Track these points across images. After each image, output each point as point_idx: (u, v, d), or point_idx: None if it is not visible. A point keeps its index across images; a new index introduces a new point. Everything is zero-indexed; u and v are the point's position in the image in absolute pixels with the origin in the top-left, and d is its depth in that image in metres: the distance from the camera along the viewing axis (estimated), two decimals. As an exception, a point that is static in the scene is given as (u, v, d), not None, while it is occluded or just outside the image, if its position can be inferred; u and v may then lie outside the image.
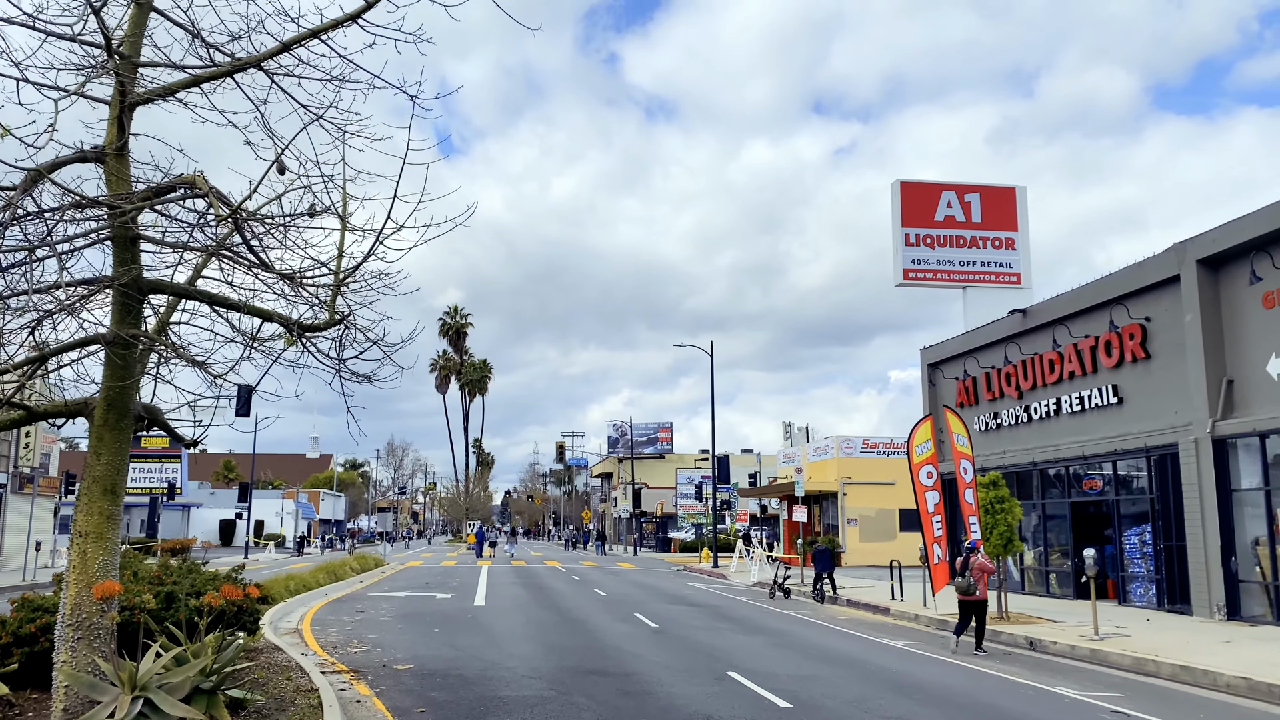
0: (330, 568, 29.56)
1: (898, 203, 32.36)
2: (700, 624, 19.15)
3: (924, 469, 22.42)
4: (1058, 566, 25.94)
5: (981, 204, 32.60)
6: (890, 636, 18.09)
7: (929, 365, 32.64)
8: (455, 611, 21.10)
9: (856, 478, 42.95)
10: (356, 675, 12.27)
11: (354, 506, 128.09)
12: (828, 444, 44.76)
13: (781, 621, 20.50)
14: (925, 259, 32.11)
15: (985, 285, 32.24)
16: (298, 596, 22.91)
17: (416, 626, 17.98)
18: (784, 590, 28.27)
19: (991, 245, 32.46)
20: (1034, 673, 13.78)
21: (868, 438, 44.05)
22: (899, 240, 32.18)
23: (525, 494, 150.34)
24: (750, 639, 16.81)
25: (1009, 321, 27.51)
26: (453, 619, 19.43)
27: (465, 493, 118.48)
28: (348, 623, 18.54)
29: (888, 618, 22.55)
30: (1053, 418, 25.88)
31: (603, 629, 17.82)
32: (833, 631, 18.81)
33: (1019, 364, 27.13)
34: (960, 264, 32.23)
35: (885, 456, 43.63)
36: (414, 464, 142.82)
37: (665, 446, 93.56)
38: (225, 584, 12.44)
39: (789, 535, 47.06)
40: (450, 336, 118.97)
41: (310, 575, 26.39)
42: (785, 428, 52.20)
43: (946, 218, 32.42)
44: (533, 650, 14.74)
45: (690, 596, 27.30)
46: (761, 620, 20.55)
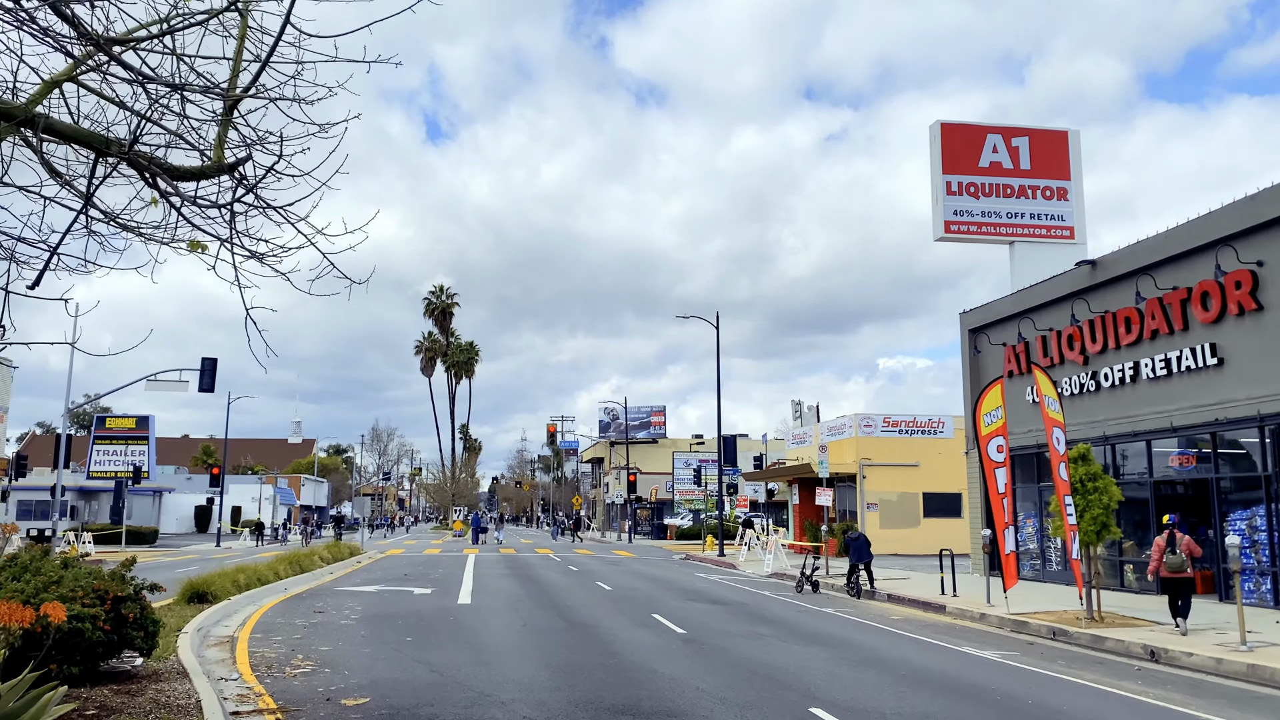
0: (294, 558, 25.86)
1: (938, 147, 28.70)
2: (736, 629, 15.56)
3: (993, 442, 18.89)
4: (1134, 556, 22.47)
5: (1030, 149, 28.98)
6: (974, 644, 14.54)
7: (970, 331, 29.07)
8: (435, 612, 17.45)
9: (876, 459, 39.43)
10: (286, 715, 8.62)
11: (337, 492, 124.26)
12: (844, 423, 41.22)
13: (829, 624, 16.93)
14: (969, 210, 28.49)
15: (1035, 240, 28.66)
16: (248, 593, 19.22)
17: (384, 633, 14.33)
18: (812, 583, 24.80)
19: (1042, 195, 28.86)
20: (1206, 701, 10.25)
21: (889, 415, 40.53)
22: (939, 189, 28.54)
23: (513, 480, 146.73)
24: (809, 651, 13.22)
25: (1074, 275, 23.95)
26: (431, 623, 15.78)
27: (452, 478, 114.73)
28: (300, 628, 14.88)
29: (945, 617, 19.05)
30: (1128, 384, 22.36)
31: (619, 637, 14.21)
32: (898, 638, 15.25)
33: (1085, 324, 23.58)
34: (1007, 216, 28.63)
35: (908, 436, 40.12)
36: (399, 450, 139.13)
37: (658, 431, 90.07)
38: (107, 585, 8.77)
39: (800, 521, 43.58)
40: (436, 317, 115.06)
41: (268, 567, 22.69)
42: (795, 406, 48.68)
43: (992, 164, 28.79)
44: (534, 672, 11.10)
45: (708, 591, 23.73)
46: (806, 623, 16.98)
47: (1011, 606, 18.31)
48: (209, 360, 40.66)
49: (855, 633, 15.72)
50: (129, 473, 58.21)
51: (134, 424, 62.63)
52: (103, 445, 61.79)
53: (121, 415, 67.85)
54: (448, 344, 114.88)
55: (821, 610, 19.52)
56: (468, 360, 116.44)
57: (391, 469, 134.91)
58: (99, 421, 63.70)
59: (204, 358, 40.55)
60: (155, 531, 61.13)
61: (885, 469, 39.46)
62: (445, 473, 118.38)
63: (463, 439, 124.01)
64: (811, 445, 44.78)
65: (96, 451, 61.86)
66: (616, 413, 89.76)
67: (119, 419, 64.92)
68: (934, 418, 40.90)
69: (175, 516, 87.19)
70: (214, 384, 40.38)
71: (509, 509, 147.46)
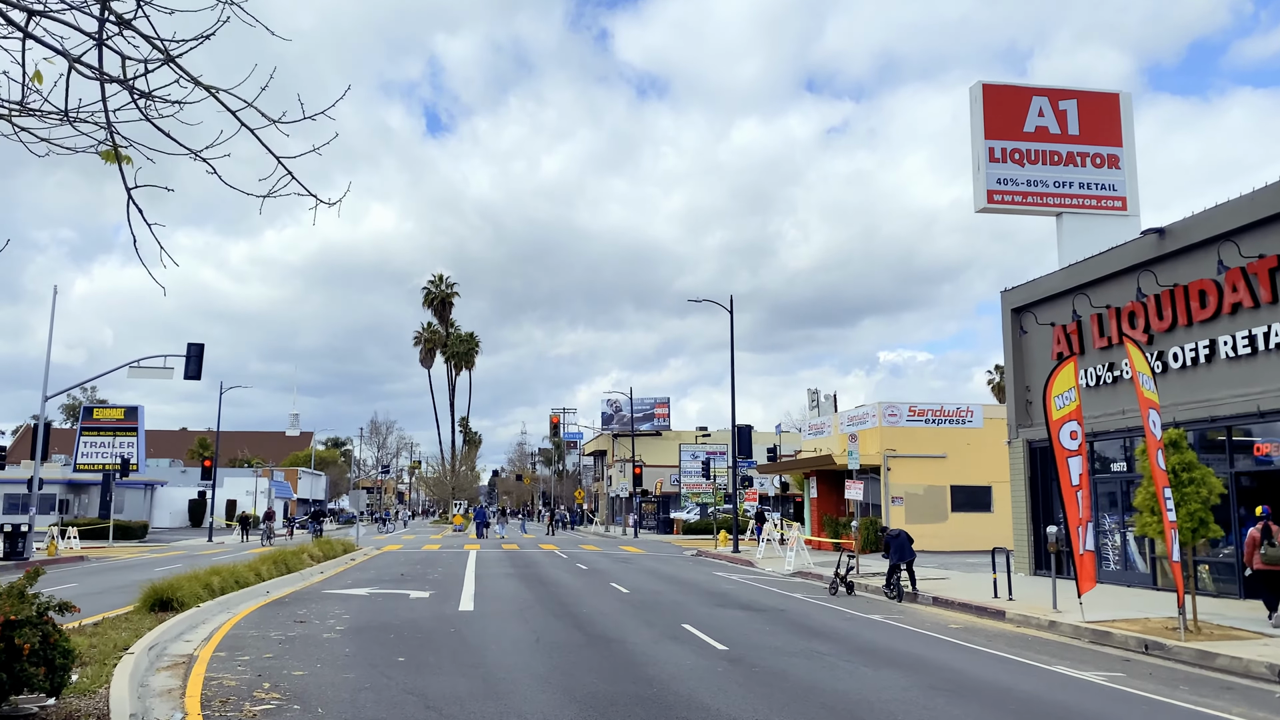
0: (280, 557, 23.64)
1: (979, 110, 26.44)
2: (786, 644, 13.34)
3: (1066, 427, 16.65)
4: (1209, 555, 20.26)
5: (1079, 112, 26.70)
6: (1065, 661, 12.34)
7: (1013, 310, 26.83)
8: (432, 621, 15.24)
9: (902, 450, 37.20)
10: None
11: (335, 486, 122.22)
12: (867, 412, 38.98)
13: (888, 636, 14.72)
14: (1013, 178, 26.22)
15: (1084, 211, 26.40)
16: (223, 598, 17.01)
17: (373, 651, 12.11)
18: (846, 584, 22.62)
19: (1091, 163, 26.59)
20: None
21: (915, 404, 38.29)
22: (980, 156, 26.28)
23: (514, 474, 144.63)
24: (884, 676, 11.00)
25: (1139, 245, 21.71)
26: (428, 637, 13.56)
27: (452, 471, 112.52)
28: (274, 644, 12.66)
29: (1007, 624, 16.85)
30: (1203, 365, 20.13)
31: (651, 656, 11.99)
32: (974, 654, 13.04)
33: (1151, 299, 21.34)
34: (1055, 185, 26.36)
35: (935, 426, 37.89)
36: (398, 443, 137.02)
37: (662, 423, 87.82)
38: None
39: (818, 516, 41.38)
40: (435, 307, 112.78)
41: (248, 568, 20.45)
42: (811, 396, 46.45)
43: (1038, 129, 26.52)
44: (557, 709, 8.88)
45: (735, 594, 21.53)
46: (861, 635, 14.76)
47: (1088, 614, 16.12)
48: (195, 346, 38.43)
49: (922, 647, 13.51)
50: (117, 465, 55.95)
51: (122, 415, 60.36)
52: (90, 437, 59.53)
53: (109, 406, 65.68)
54: (447, 334, 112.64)
55: (869, 618, 17.32)
56: (467, 351, 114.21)
57: (390, 462, 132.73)
58: (86, 412, 61.47)
59: (190, 344, 38.35)
60: (145, 526, 58.88)
61: (911, 461, 37.24)
62: (445, 466, 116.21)
63: (463, 432, 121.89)
64: (830, 436, 42.59)
65: (83, 443, 59.61)
66: (619, 404, 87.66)
67: (107, 409, 62.67)
68: (962, 406, 38.68)
69: (169, 510, 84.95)
70: (200, 371, 38.15)
71: (509, 502, 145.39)
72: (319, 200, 6.43)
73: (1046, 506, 25.46)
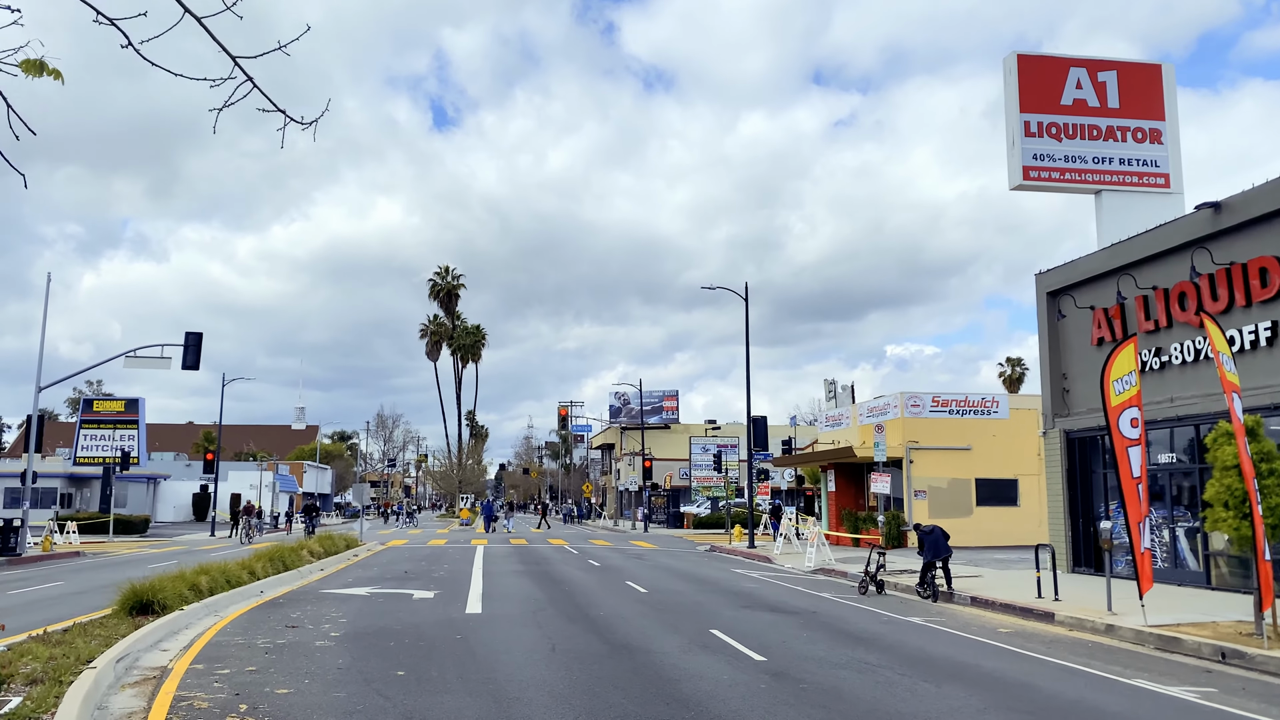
0: (278, 554, 22.37)
1: (1013, 83, 25.01)
2: (829, 653, 12.01)
3: (1126, 414, 15.30)
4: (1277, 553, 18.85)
5: (1119, 84, 25.26)
6: (1143, 672, 10.99)
7: (1048, 293, 25.43)
8: (438, 627, 13.95)
9: (925, 442, 35.84)
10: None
11: (341, 479, 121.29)
12: (888, 402, 37.60)
13: (938, 643, 13.38)
14: (1050, 154, 24.80)
15: (1125, 189, 24.98)
16: (212, 599, 15.74)
17: (369, 662, 10.82)
18: (877, 583, 21.30)
19: (1133, 137, 25.16)
20: None
21: (938, 394, 36.91)
22: (1016, 130, 24.86)
23: (521, 467, 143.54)
24: (948, 693, 9.67)
25: (1191, 221, 20.31)
26: (432, 645, 12.26)
27: (458, 465, 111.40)
28: (260, 654, 11.37)
29: (1059, 628, 15.51)
30: (1262, 348, 18.74)
31: (682, 668, 10.68)
32: (1041, 665, 11.70)
33: (1204, 279, 19.93)
34: (1094, 160, 24.94)
35: (959, 416, 36.51)
36: (405, 436, 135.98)
37: (670, 416, 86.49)
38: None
39: (836, 511, 40.04)
40: (441, 299, 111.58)
41: (241, 565, 19.19)
42: (828, 386, 45.09)
43: (1076, 101, 25.09)
44: (578, 734, 7.58)
45: (760, 594, 20.21)
46: (909, 642, 13.42)
47: (1150, 617, 14.78)
48: (193, 335, 37.21)
49: (978, 656, 12.17)
50: (117, 458, 54.81)
51: (122, 407, 59.19)
52: (90, 429, 58.43)
53: (109, 397, 64.59)
54: (454, 327, 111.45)
55: (909, 621, 16.00)
56: (474, 344, 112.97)
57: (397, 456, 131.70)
58: (86, 404, 60.31)
59: (188, 332, 37.14)
60: (147, 520, 57.79)
61: (934, 453, 35.89)
62: (452, 460, 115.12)
63: (469, 426, 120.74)
64: (849, 427, 41.24)
65: (84, 435, 58.51)
66: (627, 397, 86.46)
67: (107, 401, 61.51)
68: (987, 397, 37.30)
69: (173, 504, 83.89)
70: (199, 360, 36.93)
71: (516, 496, 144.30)
72: (288, 117, 5.15)
73: (1086, 500, 24.10)
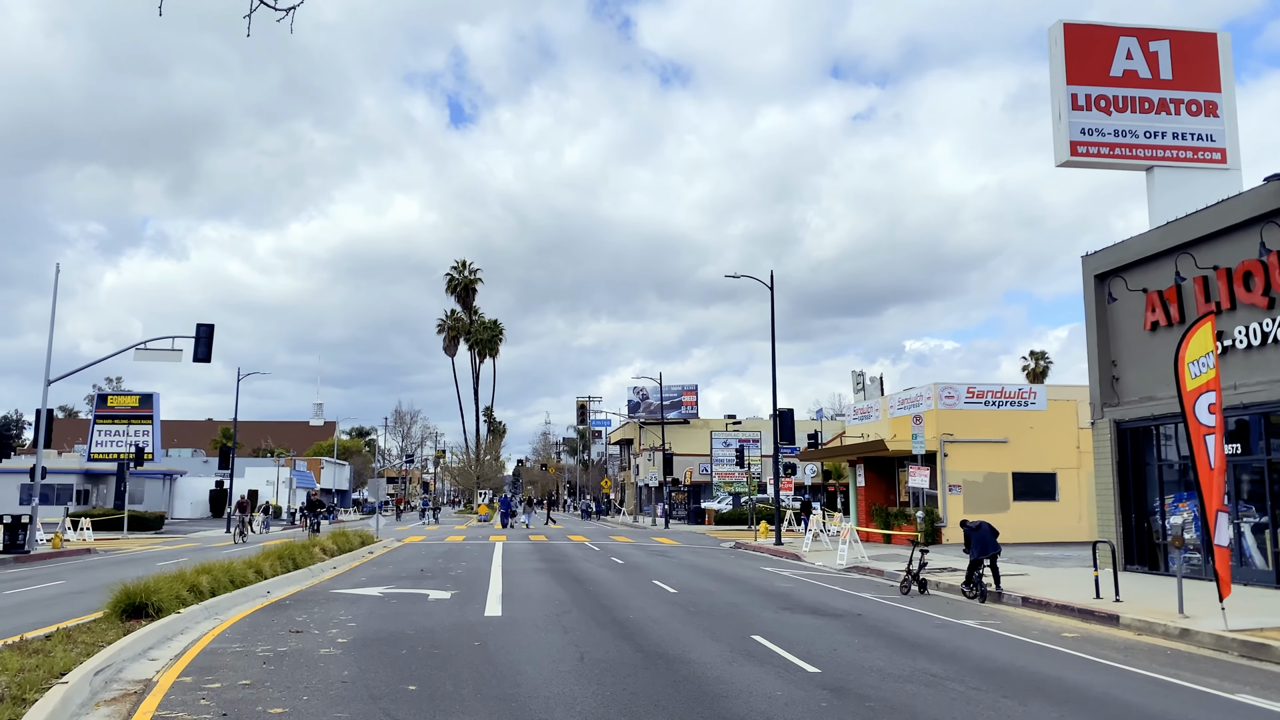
0: (287, 551, 21.34)
1: (1059, 53, 23.65)
2: (887, 663, 10.80)
3: (1203, 399, 14.01)
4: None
5: (1172, 55, 23.86)
6: (1245, 686, 9.75)
7: (1096, 276, 24.09)
8: (453, 631, 12.82)
9: (959, 434, 34.50)
10: None
11: (359, 475, 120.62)
12: (920, 394, 36.27)
13: (999, 649, 12.15)
14: (1099, 128, 23.44)
15: (1179, 165, 23.60)
16: (212, 601, 14.68)
17: (377, 675, 9.70)
18: (919, 583, 20.06)
19: (1187, 110, 23.76)
20: None
21: (973, 385, 35.56)
22: (1062, 104, 23.51)
23: (538, 463, 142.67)
24: (1037, 712, 8.45)
25: (1259, 195, 18.94)
26: (448, 654, 11.13)
27: (476, 460, 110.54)
28: (258, 663, 10.27)
29: (1126, 632, 14.25)
30: (1339, 331, 17.40)
31: (728, 682, 9.51)
32: (1122, 676, 10.46)
33: (1273, 256, 18.57)
34: (1145, 135, 23.56)
35: (995, 408, 35.14)
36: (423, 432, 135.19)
37: (690, 411, 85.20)
38: None
39: (866, 506, 38.76)
40: (458, 293, 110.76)
41: (247, 564, 18.13)
42: (856, 378, 43.77)
43: (1126, 73, 23.72)
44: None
45: (796, 595, 19.01)
46: (971, 649, 12.19)
47: (1231, 621, 13.51)
48: (204, 327, 36.31)
49: (1051, 665, 10.94)
50: (131, 454, 54.06)
51: (137, 402, 58.46)
52: (104, 425, 57.73)
53: (124, 392, 63.94)
54: (471, 322, 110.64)
55: (962, 624, 14.76)
56: (491, 339, 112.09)
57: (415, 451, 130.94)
58: (100, 400, 59.62)
59: (199, 324, 36.25)
60: (162, 517, 57.06)
61: (969, 446, 34.54)
62: (469, 455, 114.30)
63: (487, 421, 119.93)
64: (879, 420, 39.94)
65: (98, 431, 57.83)
66: (646, 392, 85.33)
67: (121, 396, 60.82)
68: (1024, 387, 35.94)
69: (190, 501, 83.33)
70: (210, 353, 36.03)
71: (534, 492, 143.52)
72: None
73: (1139, 495, 22.75)
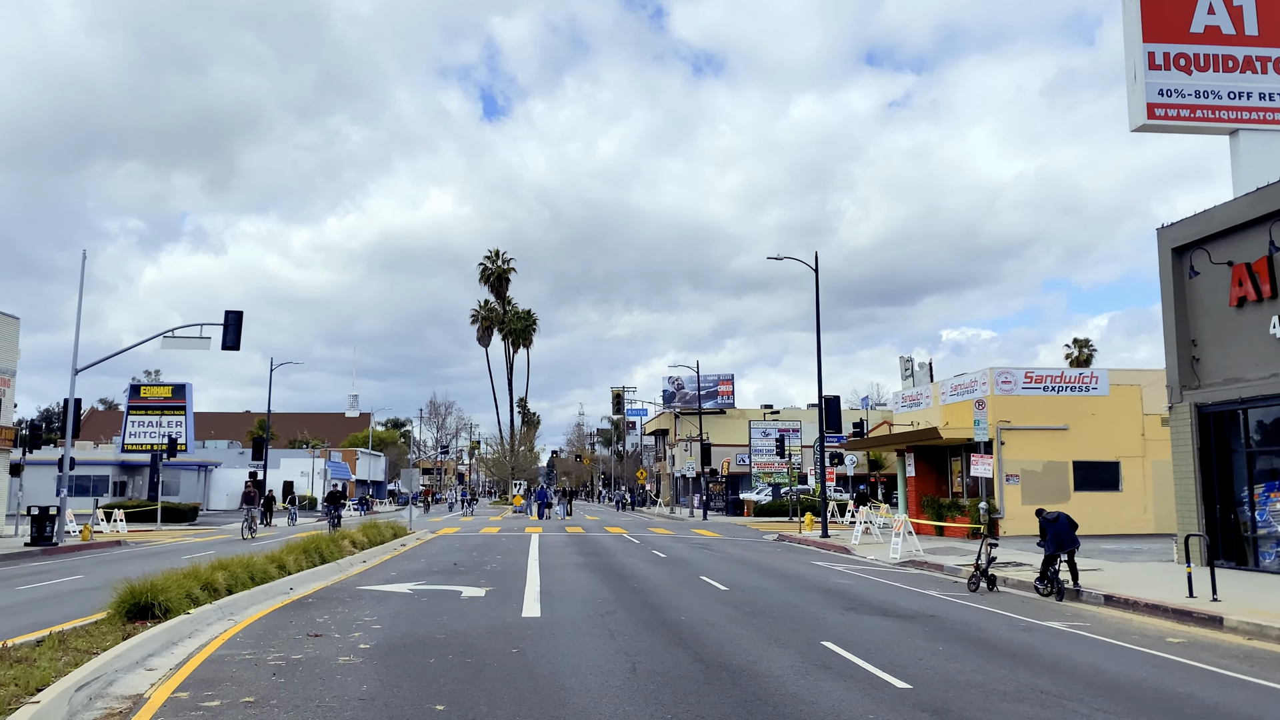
0: (314, 544, 20.24)
1: (1135, 7, 21.93)
2: (986, 677, 9.39)
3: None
4: None
5: (1257, 8, 22.05)
6: None
7: (1174, 250, 22.38)
8: (488, 635, 11.55)
9: (1017, 421, 32.82)
10: None
11: (394, 467, 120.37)
12: (975, 379, 34.60)
13: (1104, 658, 10.69)
14: (1179, 88, 21.72)
15: (1265, 127, 21.82)
16: (228, 600, 13.55)
17: (401, 687, 8.45)
18: (988, 579, 18.58)
19: (1275, 69, 21.96)
20: None
21: (1031, 369, 33.84)
22: (1138, 63, 21.80)
23: (573, 454, 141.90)
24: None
25: (1368, 154, 17.24)
26: (481, 661, 9.87)
27: (511, 451, 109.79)
28: (267, 674, 9.06)
29: (1234, 636, 12.71)
30: None
31: (809, 702, 8.14)
32: (1262, 693, 8.98)
33: (1384, 222, 16.86)
34: (1229, 96, 21.80)
35: (1054, 394, 33.41)
36: (457, 423, 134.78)
37: (726, 401, 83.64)
38: None
39: (916, 497, 37.17)
40: (491, 283, 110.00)
41: (268, 560, 16.98)
42: (904, 364, 42.11)
43: (1208, 29, 21.96)
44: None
45: (857, 593, 17.59)
46: (1070, 656, 10.73)
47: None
48: (233, 314, 35.36)
49: (1173, 679, 9.47)
50: (164, 445, 53.59)
51: (169, 393, 58.09)
52: (137, 416, 57.43)
53: (156, 384, 63.57)
54: (504, 312, 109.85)
55: (1050, 626, 13.29)
56: (525, 328, 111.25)
57: (450, 442, 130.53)
58: (133, 390, 59.21)
59: (227, 311, 35.29)
60: (196, 508, 56.49)
61: (1027, 433, 32.84)
62: (504, 446, 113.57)
63: (521, 412, 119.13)
64: (929, 407, 38.28)
65: (131, 423, 57.53)
66: (681, 381, 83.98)
67: (154, 387, 60.44)
68: (1085, 372, 34.18)
69: (225, 492, 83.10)
70: (239, 340, 35.06)
71: (569, 482, 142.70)
72: None
73: (1224, 484, 21.07)
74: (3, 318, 37.38)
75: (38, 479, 59.75)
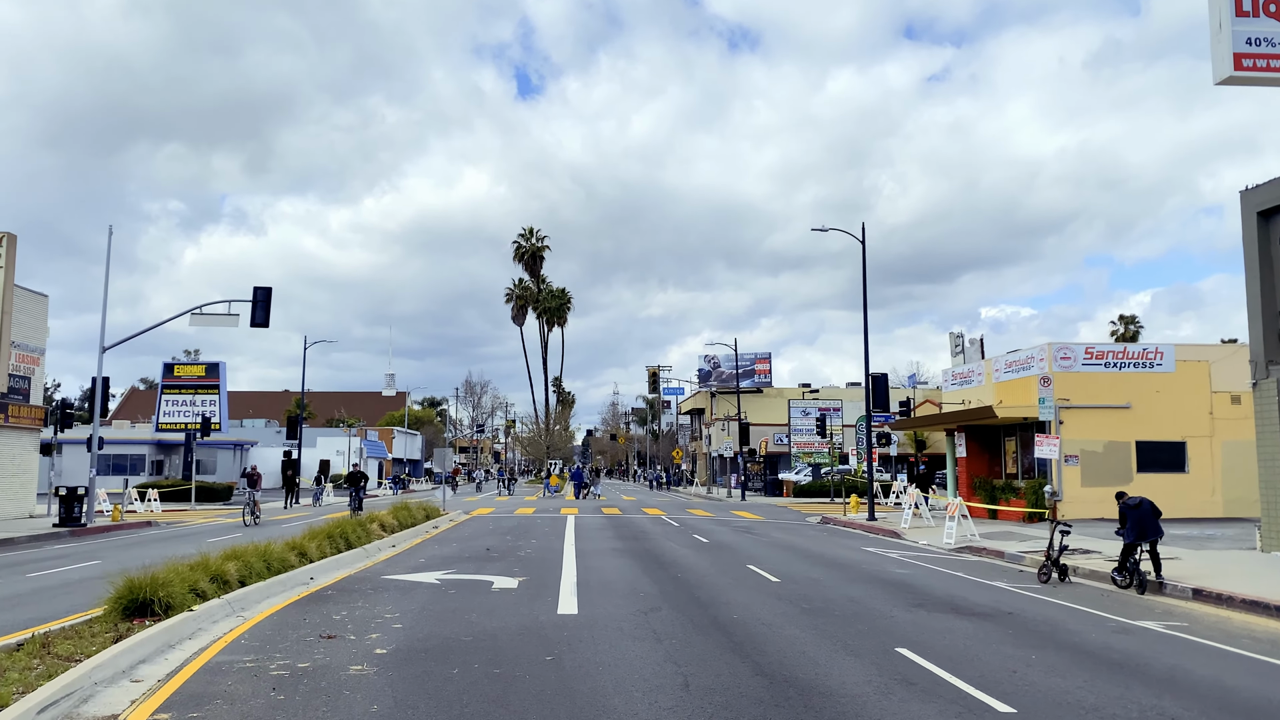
0: (340, 529, 19.21)
1: (1220, -50, 20.13)
2: (1097, 696, 8.02)
3: None
4: None
5: (1357, -52, 20.16)
6: None
7: (1259, 214, 20.68)
8: (520, 638, 10.36)
9: (1076, 400, 31.15)
10: None
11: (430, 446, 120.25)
12: (1031, 355, 32.93)
13: (1225, 668, 9.28)
14: (1269, 37, 19.90)
15: (1364, 79, 19.98)
16: (240, 592, 12.49)
17: (417, 709, 7.25)
18: (1060, 569, 17.18)
19: (1376, 14, 20.08)
20: None
21: (1092, 345, 32.12)
22: (1224, 9, 19.99)
23: (608, 433, 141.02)
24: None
25: None
26: (511, 670, 8.67)
27: (546, 430, 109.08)
28: (266, 687, 7.92)
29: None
30: None
31: None
32: None
33: None
34: (1325, 45, 19.96)
35: (1116, 370, 31.68)
36: (493, 402, 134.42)
37: (763, 380, 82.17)
38: None
39: (968, 479, 35.62)
40: (526, 261, 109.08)
41: (289, 546, 15.95)
42: (954, 340, 40.42)
43: (1302, -29, 20.11)
44: None
45: (920, 585, 16.23)
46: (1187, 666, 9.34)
47: None
48: (261, 290, 34.47)
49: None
50: (198, 424, 53.12)
51: (203, 372, 57.62)
52: (171, 395, 57.05)
53: (190, 363, 63.28)
54: (539, 290, 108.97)
55: (1144, 627, 11.89)
56: (559, 307, 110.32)
57: (485, 421, 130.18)
58: (166, 369, 58.80)
59: (256, 287, 34.40)
60: (231, 488, 56.10)
61: (1087, 412, 31.17)
62: (539, 425, 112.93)
63: (556, 391, 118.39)
64: (980, 385, 36.66)
65: (165, 402, 57.18)
66: (717, 360, 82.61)
67: (187, 366, 60.12)
68: (1149, 347, 32.37)
69: (262, 471, 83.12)
70: (268, 318, 34.17)
71: (604, 461, 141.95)
72: None
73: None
74: (32, 295, 36.78)
75: (76, 458, 59.63)
